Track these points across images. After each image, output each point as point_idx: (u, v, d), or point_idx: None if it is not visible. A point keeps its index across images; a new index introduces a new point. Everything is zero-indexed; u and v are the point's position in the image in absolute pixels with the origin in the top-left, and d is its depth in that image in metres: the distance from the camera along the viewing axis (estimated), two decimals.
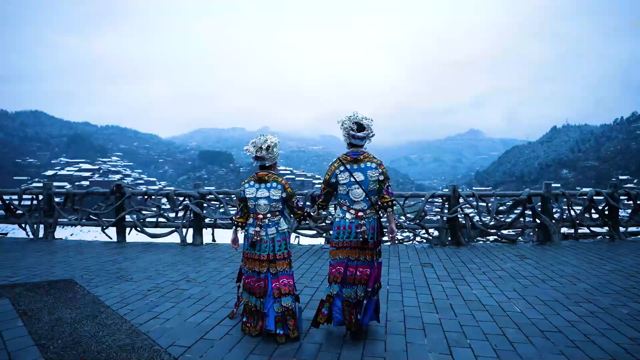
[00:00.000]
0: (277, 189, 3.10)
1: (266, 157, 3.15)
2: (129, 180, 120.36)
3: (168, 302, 3.86)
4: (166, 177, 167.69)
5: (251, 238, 3.10)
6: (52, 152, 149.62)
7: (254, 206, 3.13)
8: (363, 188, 2.95)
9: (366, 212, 2.97)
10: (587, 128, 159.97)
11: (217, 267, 5.33)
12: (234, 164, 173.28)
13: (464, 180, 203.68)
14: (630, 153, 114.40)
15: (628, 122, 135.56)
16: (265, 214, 3.11)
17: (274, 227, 3.11)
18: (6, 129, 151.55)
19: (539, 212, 7.32)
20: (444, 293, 4.14)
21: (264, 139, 3.20)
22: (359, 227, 2.93)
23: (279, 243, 3.11)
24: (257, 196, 3.11)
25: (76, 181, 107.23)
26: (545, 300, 3.88)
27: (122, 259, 5.89)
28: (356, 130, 3.00)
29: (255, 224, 3.11)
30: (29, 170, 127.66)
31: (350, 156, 3.02)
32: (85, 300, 3.87)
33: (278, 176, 3.19)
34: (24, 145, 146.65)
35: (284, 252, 3.14)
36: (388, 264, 5.53)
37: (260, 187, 3.12)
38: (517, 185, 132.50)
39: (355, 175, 2.96)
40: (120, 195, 7.50)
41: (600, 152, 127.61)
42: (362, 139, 3.02)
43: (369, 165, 2.98)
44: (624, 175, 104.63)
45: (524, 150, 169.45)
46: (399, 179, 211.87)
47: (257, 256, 3.09)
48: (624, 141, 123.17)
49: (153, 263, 5.58)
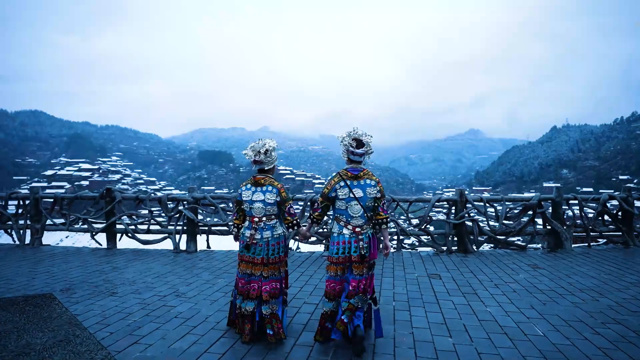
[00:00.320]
0: (272, 192, 3.14)
1: (264, 161, 3.18)
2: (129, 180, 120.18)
3: (153, 322, 3.50)
4: (166, 177, 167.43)
5: (246, 241, 3.13)
6: (52, 152, 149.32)
7: (249, 209, 3.17)
8: (361, 204, 2.99)
9: (363, 228, 3.02)
10: (587, 128, 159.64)
11: (209, 279, 4.97)
12: (234, 163, 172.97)
13: (464, 180, 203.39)
14: (630, 153, 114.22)
15: (628, 122, 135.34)
16: (261, 217, 3.14)
17: (269, 231, 3.14)
18: (6, 129, 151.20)
19: (549, 217, 6.98)
20: (456, 311, 3.79)
21: (262, 143, 3.22)
22: (357, 242, 2.98)
23: (273, 247, 3.14)
24: (252, 199, 3.15)
25: (76, 181, 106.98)
26: (568, 320, 3.52)
27: (109, 268, 5.53)
28: (355, 147, 3.04)
29: (250, 227, 3.14)
30: (28, 170, 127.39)
31: (350, 172, 3.04)
32: (61, 320, 3.52)
33: (275, 180, 3.22)
34: (24, 145, 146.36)
35: (278, 256, 3.18)
36: (393, 274, 5.19)
37: (256, 190, 3.16)
38: (517, 185, 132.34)
39: (354, 191, 3.00)
40: (110, 199, 7.14)
41: (600, 152, 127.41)
42: (361, 155, 3.05)
43: (369, 183, 3.03)
44: (624, 175, 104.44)
45: (524, 150, 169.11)
46: (398, 178, 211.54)
47: (252, 259, 3.13)
48: (624, 141, 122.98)
49: (142, 273, 5.23)
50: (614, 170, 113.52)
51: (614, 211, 7.29)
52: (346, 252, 2.99)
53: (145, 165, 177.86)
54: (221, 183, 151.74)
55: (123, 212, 7.17)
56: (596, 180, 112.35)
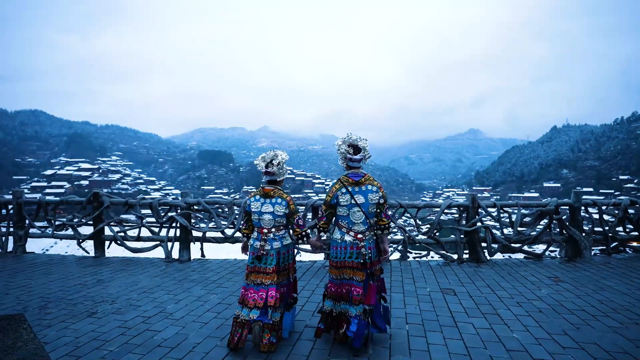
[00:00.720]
0: (281, 204, 3.17)
1: (276, 172, 3.23)
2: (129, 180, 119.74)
3: (132, 353, 3.04)
4: (166, 177, 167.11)
5: (257, 252, 3.14)
6: (52, 152, 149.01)
7: (258, 220, 3.20)
8: (363, 210, 2.99)
9: (365, 234, 3.02)
10: (587, 128, 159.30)
11: (201, 295, 4.51)
12: (234, 163, 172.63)
13: (464, 180, 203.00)
14: (630, 153, 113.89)
15: (628, 122, 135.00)
16: (270, 228, 3.17)
17: (278, 241, 3.17)
18: (6, 129, 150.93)
19: (567, 224, 6.53)
20: (478, 337, 3.33)
21: (273, 154, 3.27)
22: (359, 249, 2.98)
23: (284, 256, 3.21)
24: (261, 211, 3.17)
25: (75, 181, 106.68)
26: (611, 350, 3.05)
27: (93, 281, 5.08)
28: (352, 153, 3.06)
29: (260, 238, 3.16)
30: (28, 169, 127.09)
31: (351, 178, 3.03)
32: (26, 349, 3.05)
33: (284, 192, 3.23)
34: (24, 145, 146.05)
35: (288, 263, 3.27)
36: (402, 289, 4.73)
37: (265, 201, 3.18)
38: (517, 185, 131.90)
39: (356, 197, 2.99)
40: (98, 204, 6.69)
41: (600, 152, 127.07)
42: (359, 161, 3.07)
43: (370, 189, 3.02)
44: (625, 175, 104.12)
45: (524, 150, 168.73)
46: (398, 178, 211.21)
47: (263, 269, 3.14)
48: (624, 141, 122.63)
49: (127, 288, 4.77)
50: (614, 170, 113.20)
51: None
52: (346, 257, 3.01)
53: (145, 165, 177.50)
54: (221, 183, 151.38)
55: (112, 218, 6.71)
56: (596, 180, 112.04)
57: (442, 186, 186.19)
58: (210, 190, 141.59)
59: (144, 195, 6.12)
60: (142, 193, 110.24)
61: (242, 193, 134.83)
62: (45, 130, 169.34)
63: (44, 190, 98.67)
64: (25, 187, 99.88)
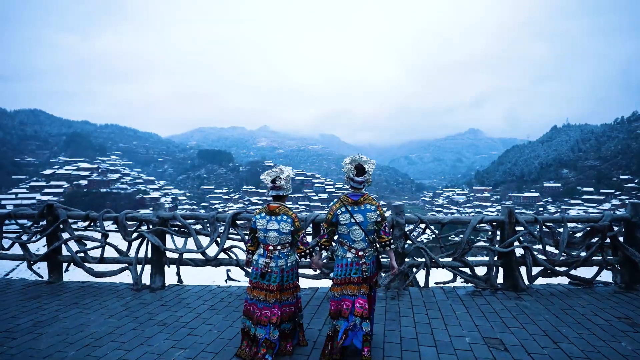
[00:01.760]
0: (287, 222, 3.19)
1: (284, 187, 3.27)
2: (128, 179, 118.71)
3: None
4: (165, 176, 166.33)
5: (261, 269, 3.15)
6: (51, 151, 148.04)
7: (264, 237, 3.21)
8: (362, 229, 3.08)
9: (366, 251, 3.11)
10: (587, 127, 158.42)
11: (163, 352, 3.33)
12: (234, 163, 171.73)
13: (464, 179, 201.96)
14: (630, 153, 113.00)
15: (628, 121, 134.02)
16: (275, 245, 3.19)
17: (283, 259, 3.20)
18: (5, 128, 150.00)
19: (623, 243, 5.37)
20: None
21: (280, 169, 3.31)
22: (361, 265, 3.07)
23: (287, 274, 3.21)
24: (267, 228, 3.18)
25: (74, 180, 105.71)
26: None
27: (27, 324, 3.91)
28: (355, 174, 3.13)
29: (265, 255, 3.18)
30: (27, 169, 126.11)
31: (351, 198, 3.12)
32: None
33: (289, 209, 3.26)
34: (23, 144, 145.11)
35: (292, 282, 3.26)
36: (433, 338, 3.55)
37: (270, 219, 3.19)
38: (518, 185, 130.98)
39: (355, 216, 3.08)
40: (53, 218, 5.50)
41: (600, 152, 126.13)
42: (360, 183, 3.13)
43: (369, 208, 3.11)
44: (625, 175, 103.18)
45: (524, 150, 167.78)
46: (398, 178, 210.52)
47: (267, 286, 3.13)
48: (624, 141, 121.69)
49: (67, 338, 3.57)
50: (615, 170, 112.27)
51: None
52: (350, 273, 3.07)
53: (145, 164, 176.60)
54: (221, 182, 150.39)
55: (70, 234, 5.53)
56: (597, 180, 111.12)
57: (442, 186, 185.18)
58: (210, 190, 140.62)
59: (109, 209, 5.50)
60: (141, 193, 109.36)
61: (242, 193, 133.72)
62: (44, 129, 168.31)
63: (42, 190, 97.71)
64: (24, 187, 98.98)
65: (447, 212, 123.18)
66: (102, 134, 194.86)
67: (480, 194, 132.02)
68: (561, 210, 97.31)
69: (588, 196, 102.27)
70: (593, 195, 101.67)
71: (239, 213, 5.31)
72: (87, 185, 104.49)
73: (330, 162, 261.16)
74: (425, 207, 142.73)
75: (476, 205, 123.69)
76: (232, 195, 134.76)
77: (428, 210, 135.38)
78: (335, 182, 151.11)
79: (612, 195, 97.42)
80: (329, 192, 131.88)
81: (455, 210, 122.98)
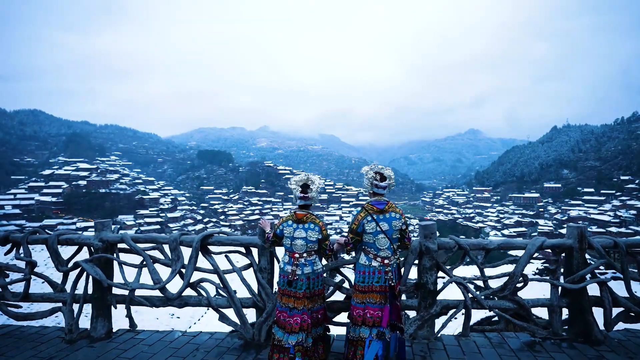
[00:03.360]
0: (314, 230, 3.25)
1: (313, 197, 3.34)
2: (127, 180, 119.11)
3: None
4: (165, 177, 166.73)
5: (287, 276, 3.22)
6: (51, 151, 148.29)
7: (290, 245, 3.26)
8: (388, 237, 3.16)
9: (390, 259, 3.18)
10: (587, 128, 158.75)
11: None
12: (234, 163, 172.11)
13: (464, 180, 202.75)
14: (631, 153, 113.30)
15: (629, 122, 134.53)
16: (302, 253, 3.24)
17: (310, 266, 3.25)
18: (4, 128, 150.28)
19: None
20: None
21: (307, 176, 3.40)
22: (387, 274, 3.13)
23: (314, 281, 3.28)
24: (294, 236, 3.24)
25: (73, 181, 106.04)
26: None
27: None
28: (379, 180, 3.24)
29: (291, 263, 3.23)
30: (27, 169, 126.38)
31: (376, 207, 3.18)
32: None
33: (316, 217, 3.31)
34: (22, 144, 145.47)
35: (318, 289, 3.33)
36: None
37: (298, 227, 3.25)
38: (518, 186, 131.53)
39: (381, 225, 3.15)
40: None
41: (601, 152, 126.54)
42: (384, 188, 3.24)
43: (394, 216, 3.20)
44: (625, 176, 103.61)
45: (524, 150, 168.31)
46: (398, 178, 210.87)
47: (294, 293, 3.21)
48: (624, 141, 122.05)
49: None
50: (615, 170, 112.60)
51: None
52: (373, 281, 3.13)
53: (144, 165, 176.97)
54: (220, 183, 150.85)
55: None
56: (597, 181, 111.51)
57: (442, 186, 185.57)
58: (210, 190, 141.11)
59: (38, 229, 4.40)
60: (140, 193, 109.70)
61: (242, 193, 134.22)
62: (44, 129, 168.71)
63: (41, 190, 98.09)
64: (23, 187, 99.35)
65: (447, 212, 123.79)
66: (101, 134, 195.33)
67: (480, 194, 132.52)
68: (562, 212, 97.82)
69: (588, 197, 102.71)
70: (594, 196, 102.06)
71: (210, 235, 4.14)
72: (86, 186, 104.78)
73: (330, 162, 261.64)
74: (426, 208, 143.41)
75: (476, 206, 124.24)
76: (232, 196, 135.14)
77: (428, 211, 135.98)
78: (335, 183, 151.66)
79: (612, 196, 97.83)
80: (328, 193, 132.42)
81: (456, 211, 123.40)
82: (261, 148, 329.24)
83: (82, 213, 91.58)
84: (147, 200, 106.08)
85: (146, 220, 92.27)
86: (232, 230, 4.65)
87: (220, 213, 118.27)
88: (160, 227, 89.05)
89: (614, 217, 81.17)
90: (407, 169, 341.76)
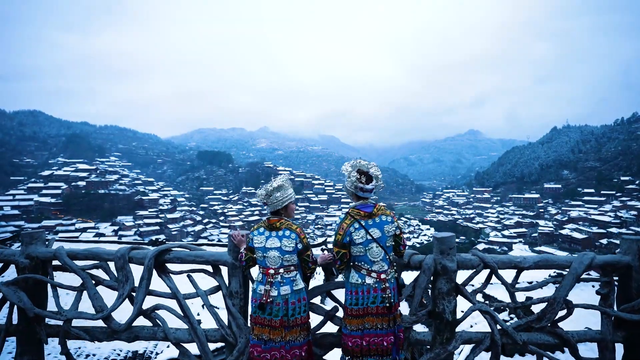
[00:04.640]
0: (290, 238, 2.67)
1: (268, 203, 2.76)
2: (127, 181, 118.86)
3: None
4: (164, 178, 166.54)
5: (259, 299, 2.60)
6: (50, 152, 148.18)
7: (263, 258, 2.68)
8: (382, 245, 2.64)
9: (387, 273, 2.66)
10: (587, 128, 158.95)
11: None
12: (233, 164, 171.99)
13: (464, 180, 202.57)
14: (631, 154, 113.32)
15: (629, 122, 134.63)
16: (277, 268, 2.64)
17: (287, 285, 2.63)
18: (4, 129, 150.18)
19: None
20: None
21: (272, 181, 2.81)
22: (384, 291, 2.60)
23: (293, 305, 2.62)
24: (266, 246, 2.66)
25: (73, 181, 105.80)
26: None
27: None
28: (365, 182, 2.69)
29: (265, 281, 2.62)
30: (26, 170, 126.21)
31: (363, 211, 2.66)
32: None
33: (292, 223, 2.75)
34: (22, 145, 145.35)
35: (300, 317, 2.65)
36: None
37: (270, 235, 2.68)
38: (518, 186, 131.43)
39: (371, 232, 2.64)
40: None
41: (601, 153, 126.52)
42: (371, 191, 2.72)
43: (385, 219, 2.68)
44: (626, 176, 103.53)
45: (524, 151, 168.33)
46: (398, 179, 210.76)
47: (268, 321, 2.60)
48: (624, 142, 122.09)
49: None
50: (615, 171, 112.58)
51: None
52: (368, 302, 2.59)
53: (144, 165, 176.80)
54: (220, 184, 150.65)
55: None
56: (597, 182, 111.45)
57: (442, 187, 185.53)
58: (210, 191, 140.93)
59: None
60: (140, 194, 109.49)
61: (241, 194, 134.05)
62: (43, 130, 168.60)
63: (40, 191, 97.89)
64: (22, 188, 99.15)
65: (447, 213, 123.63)
66: (101, 135, 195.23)
67: (480, 195, 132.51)
68: (562, 212, 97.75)
69: (589, 197, 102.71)
70: (594, 197, 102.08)
71: (167, 250, 3.31)
72: (86, 187, 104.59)
73: (330, 163, 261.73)
74: (426, 209, 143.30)
75: (476, 206, 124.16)
76: (232, 197, 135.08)
77: (428, 211, 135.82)
78: (335, 184, 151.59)
79: (613, 197, 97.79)
80: (328, 194, 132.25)
81: (456, 211, 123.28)
82: (261, 149, 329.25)
83: (82, 214, 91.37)
84: (146, 201, 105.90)
85: (145, 221, 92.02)
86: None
87: (220, 214, 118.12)
88: (159, 228, 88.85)
89: (614, 218, 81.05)
90: (407, 170, 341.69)
